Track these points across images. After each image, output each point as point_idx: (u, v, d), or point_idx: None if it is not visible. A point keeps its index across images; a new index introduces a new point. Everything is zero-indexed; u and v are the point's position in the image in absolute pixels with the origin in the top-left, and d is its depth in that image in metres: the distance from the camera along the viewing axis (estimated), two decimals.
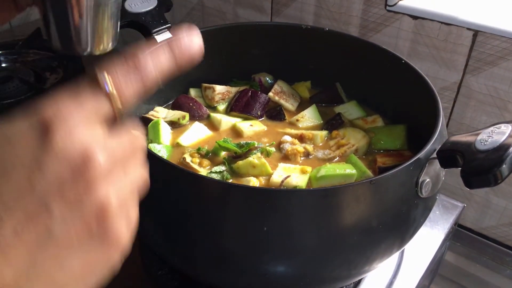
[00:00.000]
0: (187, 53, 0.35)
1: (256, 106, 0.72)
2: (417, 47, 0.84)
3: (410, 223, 0.51)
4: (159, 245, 0.55)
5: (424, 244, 0.71)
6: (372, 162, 0.64)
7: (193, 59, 0.35)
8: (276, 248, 0.46)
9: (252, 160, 0.59)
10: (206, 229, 0.46)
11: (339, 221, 0.45)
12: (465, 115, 0.84)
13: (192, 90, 0.75)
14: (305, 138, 0.67)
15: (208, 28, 0.74)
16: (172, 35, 0.35)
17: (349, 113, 0.72)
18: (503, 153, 0.41)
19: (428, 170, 0.49)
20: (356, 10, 0.87)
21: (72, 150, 0.25)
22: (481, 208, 0.90)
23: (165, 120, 0.68)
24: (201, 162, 0.60)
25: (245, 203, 0.44)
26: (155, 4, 0.70)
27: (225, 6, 1.06)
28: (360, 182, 0.47)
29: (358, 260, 0.50)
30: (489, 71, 0.78)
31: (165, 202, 0.48)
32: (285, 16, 0.97)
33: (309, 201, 0.44)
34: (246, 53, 0.77)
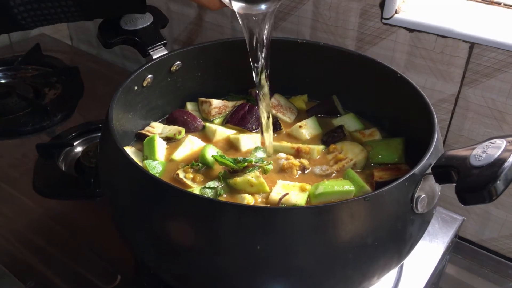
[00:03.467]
0: None
1: (252, 120, 0.72)
2: (413, 59, 0.83)
3: (407, 239, 0.50)
4: (154, 263, 0.55)
5: (423, 258, 0.70)
6: (369, 176, 0.63)
7: None
8: (270, 267, 0.45)
9: (250, 179, 0.58)
10: (199, 247, 0.46)
11: (334, 238, 0.45)
12: (463, 127, 0.83)
13: (189, 104, 0.75)
14: (301, 152, 0.66)
15: (205, 44, 0.74)
16: None
17: (347, 125, 0.72)
18: (497, 169, 0.41)
19: (423, 186, 0.48)
20: (352, 23, 0.88)
21: None
22: (481, 220, 0.89)
23: (161, 136, 0.68)
24: (194, 178, 0.60)
25: (237, 221, 0.44)
26: (150, 21, 0.71)
27: (222, 20, 1.07)
28: (355, 199, 0.46)
29: (355, 277, 0.49)
30: (486, 83, 0.78)
31: (157, 220, 0.48)
32: (282, 30, 0.98)
33: (302, 218, 0.44)
34: (243, 68, 0.77)
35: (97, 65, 1.23)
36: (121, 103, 0.62)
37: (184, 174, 0.61)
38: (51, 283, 0.65)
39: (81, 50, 1.38)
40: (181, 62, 0.71)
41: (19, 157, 0.88)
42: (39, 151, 0.86)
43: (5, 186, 0.81)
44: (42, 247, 0.70)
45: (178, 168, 0.62)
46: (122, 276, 0.65)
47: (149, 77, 0.67)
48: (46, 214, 0.76)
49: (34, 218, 0.75)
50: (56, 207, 0.78)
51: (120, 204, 0.53)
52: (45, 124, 0.96)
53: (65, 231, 0.73)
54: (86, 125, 0.94)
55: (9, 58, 1.18)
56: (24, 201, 0.78)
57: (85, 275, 0.66)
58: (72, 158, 0.88)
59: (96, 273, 0.66)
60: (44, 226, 0.74)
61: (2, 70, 1.15)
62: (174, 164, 0.64)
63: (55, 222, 0.75)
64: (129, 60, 1.37)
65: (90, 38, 1.44)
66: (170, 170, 0.63)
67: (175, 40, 1.19)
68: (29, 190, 0.80)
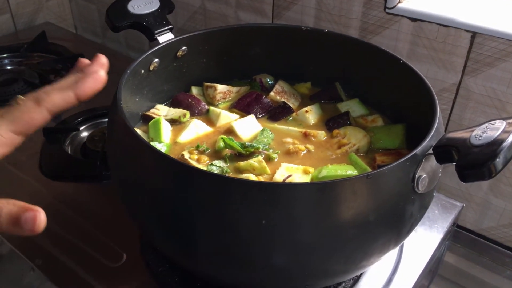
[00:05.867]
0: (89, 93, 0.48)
1: (257, 108, 0.73)
2: (416, 49, 0.85)
3: (407, 218, 0.51)
4: (159, 241, 0.56)
5: (423, 243, 0.72)
6: (371, 160, 0.65)
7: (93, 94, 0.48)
8: (274, 242, 0.47)
9: (252, 163, 0.60)
10: (205, 223, 0.47)
11: (336, 215, 0.46)
12: (464, 116, 0.85)
13: (194, 89, 0.77)
14: (309, 136, 0.68)
15: (211, 30, 0.75)
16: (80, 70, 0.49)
17: (352, 110, 0.73)
18: (497, 147, 0.42)
19: (425, 166, 0.49)
20: (356, 12, 0.89)
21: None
22: (480, 209, 0.90)
23: (166, 118, 0.69)
24: (199, 159, 0.61)
25: (243, 196, 0.45)
26: (157, 6, 0.72)
27: (227, 9, 1.08)
28: (357, 177, 0.48)
29: (355, 255, 0.50)
30: (487, 72, 0.79)
31: (164, 196, 0.49)
32: (286, 19, 0.99)
33: (306, 194, 0.45)
34: (247, 54, 0.78)
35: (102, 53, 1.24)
36: (128, 86, 0.64)
37: (189, 155, 0.62)
38: (58, 261, 0.66)
39: (86, 39, 1.39)
40: (187, 47, 0.72)
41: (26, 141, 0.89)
42: (45, 134, 0.87)
43: (12, 169, 0.82)
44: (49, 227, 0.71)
45: (183, 150, 0.63)
46: (128, 255, 0.67)
47: (156, 61, 0.68)
48: (52, 196, 0.78)
49: (41, 200, 0.77)
50: (63, 189, 0.79)
51: (129, 182, 0.55)
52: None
53: (72, 212, 0.75)
54: (92, 111, 0.95)
55: (15, 45, 1.19)
56: (32, 183, 0.80)
57: (92, 253, 0.67)
58: (78, 143, 0.90)
59: (102, 252, 0.67)
60: (50, 207, 0.75)
61: (8, 57, 1.16)
62: (179, 147, 0.66)
63: (62, 203, 0.76)
64: (133, 49, 1.38)
65: (94, 28, 1.45)
66: (174, 153, 0.64)
67: (179, 30, 1.20)
68: (36, 172, 0.81)
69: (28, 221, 0.41)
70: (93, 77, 0.48)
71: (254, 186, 0.46)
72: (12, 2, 1.31)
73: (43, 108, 0.45)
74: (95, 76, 0.48)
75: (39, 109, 0.45)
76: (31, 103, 0.45)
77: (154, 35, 0.69)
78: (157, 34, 0.69)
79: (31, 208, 0.42)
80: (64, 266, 0.65)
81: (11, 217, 0.42)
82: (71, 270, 0.65)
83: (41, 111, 0.45)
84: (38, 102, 0.45)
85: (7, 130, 0.44)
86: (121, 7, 0.69)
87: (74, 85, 0.47)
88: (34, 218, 0.42)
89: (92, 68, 0.49)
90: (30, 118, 0.45)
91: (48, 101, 0.45)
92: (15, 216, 0.41)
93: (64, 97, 0.46)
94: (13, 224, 0.41)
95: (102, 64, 0.50)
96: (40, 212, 0.42)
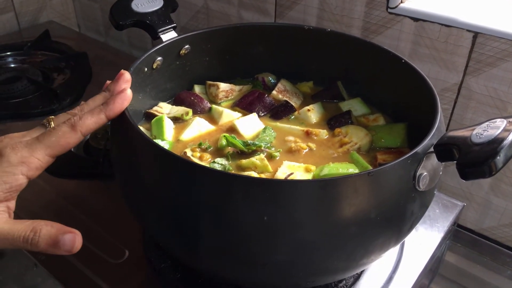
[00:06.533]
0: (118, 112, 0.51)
1: (259, 106, 0.74)
2: (418, 48, 0.85)
3: (408, 216, 0.52)
4: (162, 237, 0.57)
5: (423, 242, 0.72)
6: (373, 158, 0.65)
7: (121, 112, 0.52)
8: (276, 238, 0.47)
9: (254, 161, 0.60)
10: (207, 219, 0.48)
11: (337, 212, 0.47)
12: (465, 116, 0.85)
13: (196, 87, 0.77)
14: (311, 134, 0.68)
15: (214, 28, 0.75)
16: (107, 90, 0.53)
17: (354, 110, 0.73)
18: (497, 145, 0.42)
19: (426, 164, 0.50)
20: (358, 12, 0.89)
21: None
22: (481, 208, 0.91)
23: (169, 116, 0.69)
24: (201, 156, 0.62)
25: (245, 193, 0.45)
26: (161, 4, 0.72)
27: (229, 9, 1.08)
28: (359, 174, 0.48)
29: (356, 252, 0.51)
30: (489, 72, 0.79)
31: (167, 192, 0.49)
32: (289, 19, 0.99)
33: (308, 191, 0.45)
34: (250, 53, 0.79)
35: (105, 52, 1.25)
36: (132, 84, 0.63)
37: (191, 153, 0.62)
38: (61, 257, 0.66)
39: (89, 37, 1.39)
40: (190, 46, 0.73)
41: None
42: None
43: None
44: None
45: (186, 148, 0.64)
46: (130, 251, 0.67)
47: (159, 60, 0.69)
48: (55, 193, 0.78)
49: (44, 197, 0.77)
50: (66, 186, 0.80)
51: (131, 179, 0.55)
52: (54, 107, 0.98)
53: (74, 209, 0.75)
54: None
55: (18, 44, 1.20)
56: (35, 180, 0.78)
57: (94, 250, 0.67)
58: (81, 141, 0.90)
59: (104, 249, 0.68)
60: (53, 204, 0.76)
61: (12, 55, 1.17)
62: (181, 145, 0.66)
63: (64, 200, 0.77)
64: (135, 48, 1.38)
65: (97, 26, 1.45)
66: (177, 150, 0.65)
67: (182, 29, 1.20)
68: None
69: (66, 243, 0.44)
70: (121, 96, 0.50)
71: (256, 183, 0.46)
72: (16, 0, 1.32)
73: (78, 133, 0.48)
74: (123, 95, 0.51)
75: (74, 133, 0.47)
76: (67, 128, 0.47)
77: (157, 33, 0.70)
78: (160, 33, 0.70)
79: (69, 231, 0.45)
80: (67, 263, 0.66)
81: (50, 239, 0.44)
82: (73, 267, 0.65)
83: (77, 135, 0.48)
84: (74, 128, 0.47)
85: (44, 155, 0.47)
86: (124, 5, 0.70)
87: (105, 107, 0.50)
88: (74, 240, 0.44)
89: (118, 87, 0.51)
90: (67, 144, 0.48)
91: (83, 126, 0.48)
92: (54, 238, 0.44)
93: (97, 120, 0.49)
94: (51, 245, 0.44)
95: (127, 81, 0.52)
96: (77, 234, 0.45)
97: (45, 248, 0.44)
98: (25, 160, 0.46)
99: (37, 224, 0.45)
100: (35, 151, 0.46)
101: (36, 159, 0.46)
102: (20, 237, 0.44)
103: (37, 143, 0.47)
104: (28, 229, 0.44)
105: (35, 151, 0.46)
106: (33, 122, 0.95)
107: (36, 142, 0.47)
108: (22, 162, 0.46)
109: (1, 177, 0.45)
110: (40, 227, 0.44)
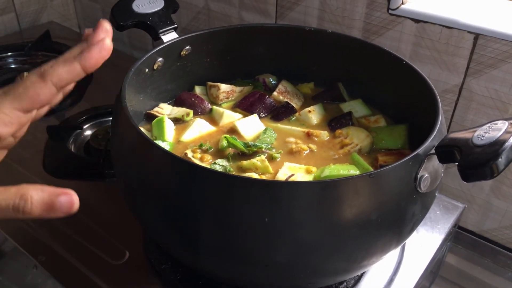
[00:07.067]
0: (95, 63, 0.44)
1: (260, 107, 0.74)
2: (419, 50, 0.85)
3: (409, 218, 0.51)
4: (162, 238, 0.57)
5: (424, 243, 0.72)
6: (374, 160, 0.65)
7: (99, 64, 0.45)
8: (276, 239, 0.47)
9: (255, 162, 0.60)
10: (208, 220, 0.48)
11: (338, 213, 0.46)
12: (466, 117, 0.85)
13: (197, 88, 0.77)
14: (312, 136, 0.68)
15: (215, 29, 0.75)
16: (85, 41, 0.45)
17: (355, 111, 0.73)
18: (499, 147, 0.42)
19: (427, 166, 0.50)
20: (359, 13, 0.89)
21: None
22: (482, 210, 0.90)
23: (169, 117, 0.69)
24: (202, 157, 0.62)
25: (246, 194, 0.45)
26: (162, 5, 0.72)
27: (230, 10, 1.08)
28: (360, 175, 0.48)
29: (357, 253, 0.51)
30: (490, 73, 0.79)
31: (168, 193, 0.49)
32: (289, 20, 0.99)
33: (309, 193, 0.45)
34: (251, 54, 0.79)
35: None
36: (132, 85, 0.64)
37: (192, 154, 0.62)
38: (61, 258, 0.67)
39: None
40: (190, 47, 0.73)
41: (30, 139, 0.89)
42: (49, 132, 0.87)
43: (16, 166, 0.83)
44: (53, 225, 0.72)
45: (186, 149, 0.64)
46: (130, 252, 0.67)
47: (160, 61, 0.69)
48: None
49: None
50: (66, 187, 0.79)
51: (132, 180, 0.55)
52: (54, 108, 0.98)
53: None
54: (95, 110, 0.95)
55: (19, 44, 1.20)
56: (35, 181, 0.80)
57: (94, 251, 0.67)
58: (81, 141, 0.90)
59: (105, 250, 0.67)
60: None
61: (13, 56, 1.17)
62: (182, 146, 0.66)
63: None
64: (136, 49, 1.38)
65: None
66: (178, 151, 0.65)
67: (183, 30, 1.20)
68: (39, 170, 0.82)
69: (63, 205, 0.41)
70: (98, 45, 0.44)
71: (257, 184, 0.46)
72: (17, 1, 1.32)
73: (48, 82, 0.42)
74: (101, 44, 0.44)
75: (45, 83, 0.42)
76: (35, 77, 0.42)
77: (158, 34, 0.70)
78: (161, 34, 0.70)
79: (64, 192, 0.41)
80: (67, 263, 0.66)
81: (44, 204, 0.41)
82: (74, 267, 0.65)
83: (46, 85, 0.42)
84: (43, 77, 0.42)
85: (12, 108, 0.42)
86: (125, 6, 0.70)
87: (79, 56, 0.43)
88: (71, 201, 0.41)
89: (96, 37, 0.44)
90: (36, 94, 0.42)
91: (53, 74, 0.42)
92: (49, 202, 0.41)
93: (70, 69, 0.43)
94: (47, 210, 0.41)
95: (106, 31, 0.45)
96: (73, 194, 0.42)
97: (40, 214, 0.41)
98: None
99: (25, 190, 0.41)
100: (1, 105, 0.41)
101: (3, 114, 0.41)
102: (9, 206, 0.40)
103: (2, 96, 0.42)
104: (15, 197, 0.41)
105: (1, 104, 0.41)
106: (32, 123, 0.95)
107: (2, 95, 0.42)
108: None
109: None
110: (30, 193, 0.41)
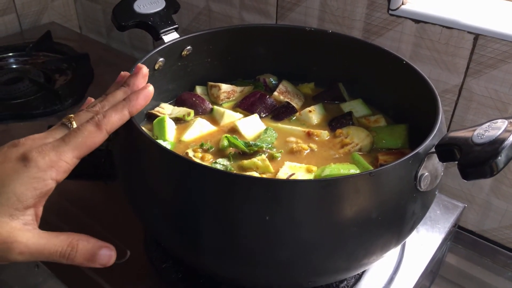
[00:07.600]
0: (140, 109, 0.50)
1: (261, 107, 0.74)
2: (419, 50, 0.85)
3: (409, 216, 0.52)
4: (164, 237, 0.57)
5: (424, 243, 0.72)
6: (374, 159, 0.65)
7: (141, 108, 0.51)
8: (277, 238, 0.47)
9: (256, 162, 0.60)
10: (209, 219, 0.48)
11: (339, 212, 0.47)
12: (466, 117, 0.85)
13: (198, 88, 0.77)
14: (312, 135, 0.68)
15: (216, 29, 0.76)
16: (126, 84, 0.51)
17: (355, 111, 0.74)
18: (498, 146, 0.42)
19: (427, 164, 0.50)
20: (359, 14, 0.89)
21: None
22: (482, 210, 0.91)
23: (170, 116, 0.69)
24: (203, 157, 0.62)
25: (247, 193, 0.45)
26: (163, 6, 0.73)
27: (231, 10, 1.09)
28: (360, 174, 0.48)
29: (358, 252, 0.51)
30: (489, 74, 0.79)
31: (169, 192, 0.49)
32: (290, 20, 0.99)
33: (310, 191, 0.46)
34: (251, 54, 0.79)
35: (106, 53, 1.25)
36: None
37: (193, 154, 0.63)
38: None
39: (90, 39, 1.40)
40: (191, 47, 0.73)
41: None
42: None
43: None
44: (55, 224, 0.72)
45: (187, 148, 0.64)
46: (132, 251, 0.67)
47: (161, 61, 0.69)
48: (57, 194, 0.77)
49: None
50: (68, 187, 0.79)
51: (134, 179, 0.55)
52: (56, 107, 0.98)
53: (76, 210, 0.75)
54: None
55: (20, 45, 1.20)
56: None
57: None
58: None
59: None
60: (55, 204, 0.76)
61: (14, 56, 1.17)
62: (183, 145, 0.66)
63: (66, 201, 0.77)
64: (137, 49, 1.39)
65: (99, 28, 1.46)
66: (179, 151, 0.65)
67: (184, 30, 1.20)
68: None
69: (103, 258, 0.45)
70: (143, 93, 0.49)
71: (258, 183, 0.46)
72: (18, 2, 1.32)
73: (104, 131, 0.46)
74: (145, 92, 0.49)
75: (101, 132, 0.46)
76: (92, 128, 0.45)
77: (159, 34, 0.70)
78: (162, 34, 0.70)
79: (105, 246, 0.45)
80: None
81: (88, 253, 0.44)
82: (75, 266, 0.65)
83: (102, 134, 0.46)
84: (99, 126, 0.46)
85: (72, 157, 0.45)
86: (127, 6, 0.70)
87: (128, 103, 0.48)
88: (110, 255, 0.45)
89: (138, 82, 0.50)
90: (93, 143, 0.46)
91: (107, 123, 0.46)
92: (92, 253, 0.44)
93: (121, 117, 0.47)
94: (88, 260, 0.45)
95: (145, 76, 0.50)
96: (113, 249, 0.46)
97: (81, 262, 0.45)
98: (54, 165, 0.44)
99: (73, 239, 0.45)
100: (63, 154, 0.44)
101: (65, 163, 0.44)
102: (57, 252, 0.44)
103: (63, 145, 0.44)
104: (64, 244, 0.44)
105: (63, 154, 0.44)
106: (34, 122, 0.95)
107: (63, 144, 0.44)
108: (51, 167, 0.44)
109: (31, 184, 0.43)
110: (77, 242, 0.44)
